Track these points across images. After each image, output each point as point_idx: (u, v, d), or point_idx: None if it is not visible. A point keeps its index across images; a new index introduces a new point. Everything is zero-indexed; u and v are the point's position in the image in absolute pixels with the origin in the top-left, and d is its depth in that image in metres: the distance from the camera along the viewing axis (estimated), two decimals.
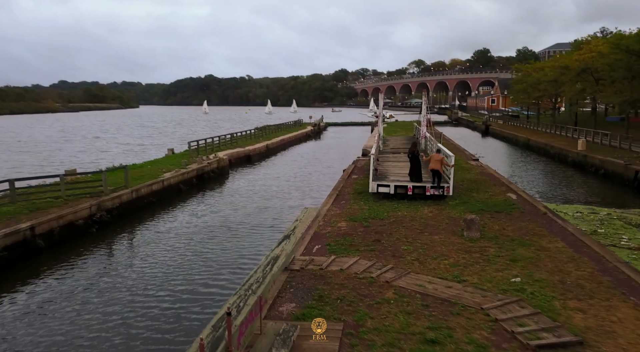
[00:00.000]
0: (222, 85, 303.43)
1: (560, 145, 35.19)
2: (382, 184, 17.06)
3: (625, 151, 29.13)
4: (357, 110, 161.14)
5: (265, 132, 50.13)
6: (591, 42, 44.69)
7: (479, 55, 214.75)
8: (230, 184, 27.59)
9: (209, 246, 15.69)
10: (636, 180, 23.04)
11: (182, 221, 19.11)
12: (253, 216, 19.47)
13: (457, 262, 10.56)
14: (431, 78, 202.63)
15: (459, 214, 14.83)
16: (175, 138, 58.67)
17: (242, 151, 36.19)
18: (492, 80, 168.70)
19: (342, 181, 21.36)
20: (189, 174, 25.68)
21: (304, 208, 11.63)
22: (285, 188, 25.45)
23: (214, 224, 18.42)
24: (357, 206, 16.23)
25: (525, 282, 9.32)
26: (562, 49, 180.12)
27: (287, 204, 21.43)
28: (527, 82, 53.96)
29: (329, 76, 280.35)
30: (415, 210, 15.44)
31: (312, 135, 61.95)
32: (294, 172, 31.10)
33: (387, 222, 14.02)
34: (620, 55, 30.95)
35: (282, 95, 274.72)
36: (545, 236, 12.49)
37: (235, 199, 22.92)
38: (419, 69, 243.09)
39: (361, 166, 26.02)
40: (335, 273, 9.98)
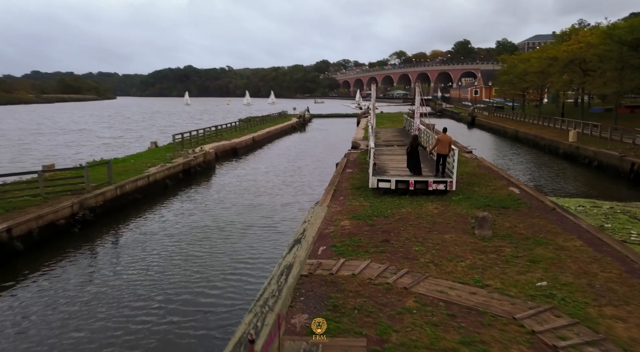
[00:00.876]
0: (201, 76, 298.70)
1: (550, 137, 35.03)
2: (382, 179, 16.35)
3: (616, 142, 29.05)
4: (340, 102, 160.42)
5: (250, 124, 48.96)
6: (579, 33, 44.72)
7: (460, 46, 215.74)
8: (217, 179, 26.55)
9: (201, 248, 14.66)
10: (632, 172, 22.84)
11: (170, 220, 18.07)
12: (245, 215, 18.47)
13: (474, 264, 9.92)
14: (413, 69, 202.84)
15: (465, 210, 14.24)
16: (156, 130, 57.06)
17: (228, 144, 35.08)
18: (473, 72, 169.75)
19: (337, 175, 20.59)
20: (175, 168, 24.57)
21: (311, 208, 10.80)
22: (276, 184, 24.49)
23: (204, 223, 17.39)
24: (357, 203, 15.49)
25: (552, 286, 8.72)
26: (542, 41, 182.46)
27: (280, 202, 20.51)
28: (514, 73, 53.89)
29: (310, 67, 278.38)
30: (420, 206, 14.79)
31: (298, 128, 60.95)
32: (283, 166, 30.17)
33: (392, 220, 13.32)
34: (612, 46, 30.81)
35: (263, 86, 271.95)
36: (559, 233, 11.96)
37: (224, 195, 21.89)
38: (401, 60, 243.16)
39: (354, 160, 25.30)
40: (347, 279, 9.24)
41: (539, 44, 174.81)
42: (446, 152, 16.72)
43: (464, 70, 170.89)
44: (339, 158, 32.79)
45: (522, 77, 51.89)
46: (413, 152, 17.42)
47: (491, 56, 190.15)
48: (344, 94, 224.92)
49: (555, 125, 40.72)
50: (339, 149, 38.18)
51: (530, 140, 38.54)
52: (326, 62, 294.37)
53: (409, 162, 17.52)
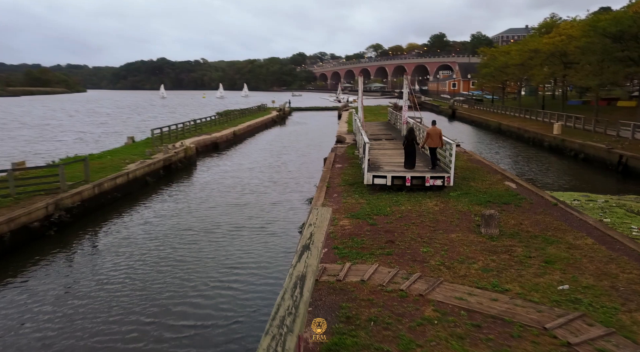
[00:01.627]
0: (175, 68, 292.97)
1: (535, 130, 35.08)
2: (378, 175, 15.72)
3: (600, 135, 29.18)
4: (318, 95, 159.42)
5: (230, 117, 47.72)
6: (560, 25, 44.94)
7: (435, 39, 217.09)
8: (200, 175, 25.47)
9: (188, 253, 13.68)
10: (620, 164, 22.86)
11: (152, 221, 17.02)
12: (232, 215, 17.51)
13: (487, 266, 9.38)
14: (390, 62, 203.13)
15: (466, 207, 13.74)
16: (132, 125, 55.18)
17: (208, 138, 33.93)
18: (449, 65, 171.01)
19: (327, 171, 19.88)
20: (156, 164, 23.43)
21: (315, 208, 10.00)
22: (262, 180, 23.57)
23: (189, 225, 16.34)
24: (353, 200, 14.83)
25: (574, 289, 8.24)
26: (515, 34, 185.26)
27: (268, 200, 19.60)
28: (494, 66, 54.00)
29: (286, 60, 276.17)
30: (419, 203, 14.22)
31: (278, 121, 59.92)
32: (268, 161, 29.25)
33: (393, 218, 12.71)
34: (595, 38, 30.90)
35: (239, 79, 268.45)
36: (568, 230, 11.56)
37: (208, 194, 20.87)
38: (377, 53, 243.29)
39: (342, 154, 24.63)
40: (357, 285, 8.57)
41: (513, 37, 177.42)
42: (437, 145, 16.73)
43: (441, 63, 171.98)
44: (324, 152, 32.11)
45: (502, 69, 52.03)
46: (409, 146, 16.97)
47: (466, 49, 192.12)
48: (322, 87, 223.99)
49: (538, 118, 40.90)
50: (323, 143, 37.50)
51: (513, 133, 38.59)
52: (303, 54, 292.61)
53: (406, 156, 17.04)
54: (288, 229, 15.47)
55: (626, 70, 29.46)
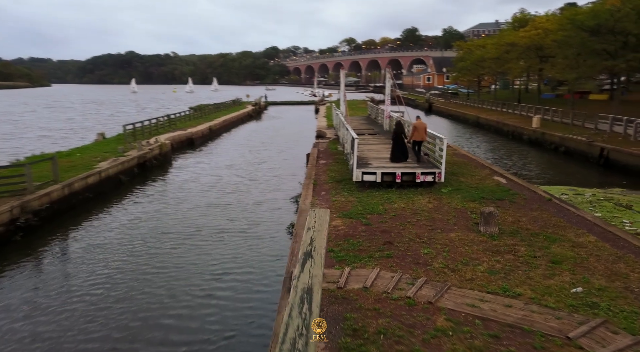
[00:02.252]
0: (145, 62, 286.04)
1: (514, 123, 35.19)
2: (367, 172, 15.14)
3: (579, 128, 29.41)
4: (292, 89, 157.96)
5: (205, 112, 46.39)
6: (536, 19, 45.31)
7: (408, 34, 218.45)
8: (176, 173, 24.34)
9: (167, 260, 12.67)
10: (602, 157, 22.96)
11: (127, 224, 15.93)
12: (213, 217, 16.46)
13: (493, 268, 8.92)
14: (363, 56, 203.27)
15: (460, 204, 13.31)
16: (101, 120, 53.09)
17: (183, 134, 32.72)
18: (422, 59, 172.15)
19: (312, 167, 19.19)
20: (130, 162, 22.26)
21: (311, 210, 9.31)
22: (243, 179, 22.56)
23: (168, 229, 15.23)
24: (342, 198, 14.21)
25: (588, 292, 7.85)
26: (486, 29, 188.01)
27: (251, 200, 18.62)
28: (470, 60, 54.21)
29: (259, 53, 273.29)
30: (411, 200, 13.72)
31: (254, 116, 58.75)
32: (247, 158, 28.28)
33: (387, 217, 12.15)
34: (573, 31, 31.10)
35: (211, 73, 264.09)
36: (568, 227, 11.24)
37: (187, 193, 19.79)
38: (351, 47, 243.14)
39: (325, 150, 23.98)
40: (359, 293, 7.96)
41: (484, 32, 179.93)
42: (423, 139, 16.79)
43: (414, 57, 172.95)
44: (305, 148, 31.37)
45: (479, 63, 52.27)
46: (398, 139, 16.62)
47: (439, 44, 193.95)
48: (295, 81, 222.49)
49: (515, 111, 41.15)
50: (302, 138, 36.72)
51: (492, 126, 38.69)
52: (275, 48, 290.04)
53: (394, 149, 16.67)
54: (275, 231, 14.68)
55: (603, 63, 29.75)
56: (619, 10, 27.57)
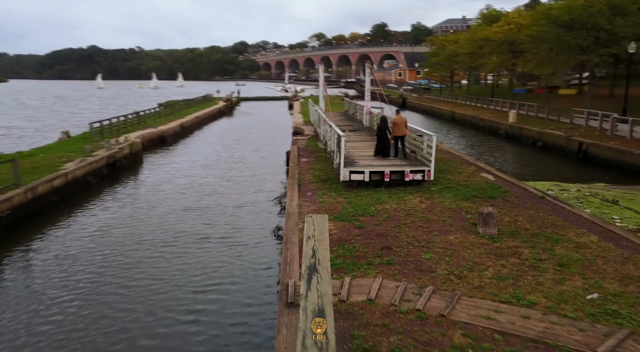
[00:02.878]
0: (108, 57, 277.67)
1: (490, 118, 35.29)
2: (355, 171, 14.53)
3: (554, 122, 29.64)
4: (263, 84, 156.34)
5: (175, 109, 44.83)
6: (509, 15, 45.70)
7: (377, 29, 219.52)
8: (149, 174, 23.08)
9: (142, 272, 11.51)
10: (580, 152, 23.07)
11: (97, 231, 14.62)
12: (191, 222, 15.29)
13: (500, 273, 8.45)
14: (334, 51, 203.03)
15: (453, 203, 12.85)
16: (65, 118, 50.68)
17: (154, 132, 31.34)
18: (392, 54, 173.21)
19: (294, 166, 18.45)
20: (98, 163, 20.96)
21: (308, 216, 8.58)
22: (220, 179, 21.46)
23: (141, 236, 14.05)
24: (330, 199, 13.55)
25: (604, 298, 7.45)
26: (454, 25, 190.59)
27: (231, 203, 17.53)
28: (444, 55, 54.38)
29: (228, 48, 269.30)
30: (402, 201, 13.18)
31: (226, 112, 57.35)
32: (222, 157, 27.18)
33: (380, 219, 11.56)
34: (547, 26, 31.32)
35: (179, 68, 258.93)
36: (566, 226, 10.91)
37: (161, 196, 18.56)
38: (321, 42, 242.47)
39: (304, 147, 23.25)
40: (365, 307, 7.32)
41: (452, 28, 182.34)
42: (403, 134, 16.64)
43: (384, 53, 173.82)
44: (282, 145, 30.55)
45: (452, 58, 52.48)
46: (383, 135, 16.21)
47: (408, 39, 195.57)
48: (266, 76, 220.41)
49: (490, 106, 41.39)
50: (277, 135, 35.88)
51: (468, 121, 38.75)
52: (244, 43, 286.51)
53: (378, 145, 16.30)
54: (260, 237, 13.80)
55: (577, 58, 30.08)
56: (592, 5, 27.89)
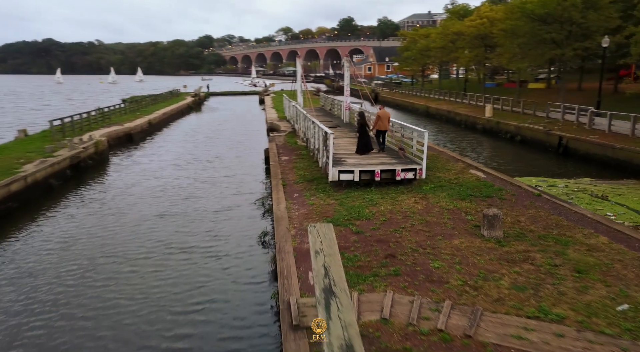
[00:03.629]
0: (66, 51, 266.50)
1: (466, 113, 35.17)
2: (344, 170, 13.72)
3: (530, 116, 29.68)
4: (230, 79, 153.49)
5: (142, 105, 42.84)
6: (481, 9, 45.77)
7: (344, 23, 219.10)
8: (117, 175, 21.43)
9: (116, 290, 10.22)
10: (560, 146, 23.02)
11: (61, 242, 13.14)
12: (167, 231, 13.71)
13: (516, 282, 7.84)
14: (301, 46, 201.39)
15: (449, 203, 12.24)
16: (21, 115, 47.73)
17: (121, 129, 29.61)
18: (360, 49, 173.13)
19: (275, 165, 17.49)
20: (61, 164, 19.37)
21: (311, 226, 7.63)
22: (195, 180, 19.87)
23: (112, 248, 12.55)
24: (320, 201, 12.71)
25: (635, 309, 6.93)
26: (420, 20, 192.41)
27: (209, 207, 16.11)
28: (416, 49, 54.20)
29: (192, 42, 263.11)
30: (396, 201, 12.48)
31: (194, 107, 55.46)
32: (195, 155, 25.70)
33: (377, 223, 10.81)
34: (521, 20, 31.33)
35: (141, 62, 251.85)
36: (572, 227, 10.45)
37: (132, 201, 16.90)
38: (287, 36, 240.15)
39: (283, 144, 22.29)
40: (380, 327, 6.54)
41: (418, 22, 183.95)
42: (385, 129, 16.44)
43: (352, 47, 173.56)
44: (257, 143, 29.45)
45: (424, 52, 52.36)
46: (363, 131, 15.76)
47: (375, 34, 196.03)
48: (232, 70, 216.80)
49: (464, 101, 41.38)
50: (251, 131, 34.72)
51: (443, 116, 38.57)
52: (209, 37, 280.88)
53: (360, 141, 15.65)
54: (246, 245, 12.59)
55: (552, 52, 30.20)
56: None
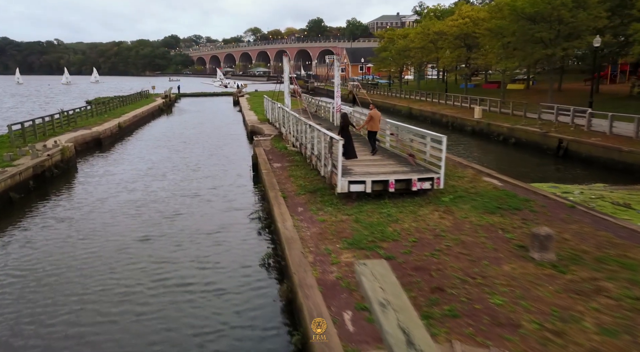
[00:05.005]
0: (22, 50, 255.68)
1: (453, 114, 34.24)
2: (355, 181, 12.18)
3: (521, 118, 28.95)
4: (198, 80, 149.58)
5: (109, 107, 40.10)
6: (462, 8, 45.12)
7: (313, 24, 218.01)
8: (86, 188, 18.61)
9: (96, 341, 8.34)
10: (560, 149, 22.19)
11: (22, 269, 11.13)
12: (150, 262, 11.18)
13: (603, 324, 6.52)
14: (271, 46, 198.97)
15: (478, 218, 10.91)
16: None
17: (88, 134, 27.13)
18: (331, 49, 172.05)
19: (268, 173, 15.78)
20: (22, 174, 17.05)
21: (360, 264, 5.67)
22: (176, 193, 17.45)
23: (83, 287, 10.18)
24: (330, 216, 11.15)
25: None
26: (389, 21, 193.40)
27: (199, 227, 13.58)
28: (395, 49, 53.23)
29: (158, 42, 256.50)
30: (418, 216, 11.05)
31: (165, 109, 52.77)
32: (172, 163, 23.27)
33: (407, 245, 9.32)
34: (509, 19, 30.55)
35: (104, 62, 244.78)
36: (629, 246, 9.25)
37: (105, 221, 14.24)
38: (256, 37, 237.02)
39: (271, 150, 20.59)
40: None
41: (387, 24, 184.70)
42: (377, 129, 15.88)
43: (323, 48, 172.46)
44: (238, 149, 27.59)
45: (403, 52, 51.44)
46: (345, 134, 14.44)
47: (344, 35, 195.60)
48: (200, 71, 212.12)
49: (448, 102, 40.53)
50: (229, 135, 32.68)
51: (428, 117, 37.58)
52: (175, 37, 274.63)
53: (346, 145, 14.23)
54: (254, 279, 10.35)
55: (542, 51, 29.55)
56: None
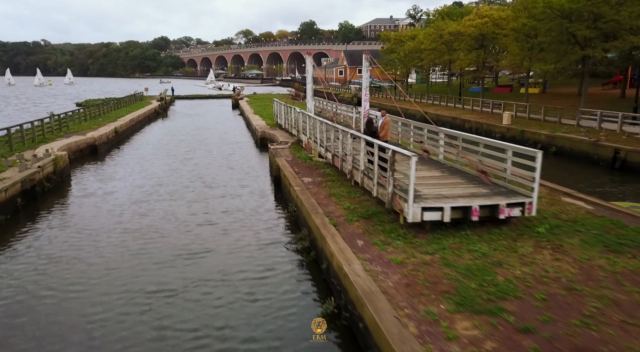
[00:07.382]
0: (8, 50, 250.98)
1: (477, 120, 31.98)
2: (429, 207, 9.69)
3: (555, 124, 26.74)
4: (190, 82, 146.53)
5: (104, 110, 37.23)
6: (480, 8, 42.91)
7: (306, 27, 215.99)
8: (84, 208, 15.75)
9: None
10: (617, 160, 19.92)
11: (16, 318, 8.79)
12: (175, 321, 8.45)
13: None
14: (264, 49, 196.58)
15: (602, 258, 8.54)
16: None
17: (83, 140, 24.33)
18: (325, 52, 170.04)
19: (303, 191, 13.25)
20: (10, 190, 14.33)
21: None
22: (193, 214, 14.68)
23: (90, 325, 8.37)
24: (408, 256, 8.71)
25: None
26: (382, 24, 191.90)
27: (230, 267, 10.73)
28: (403, 51, 50.90)
29: (147, 44, 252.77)
30: (522, 255, 8.67)
31: (161, 112, 49.90)
32: (182, 175, 20.26)
33: (538, 306, 6.90)
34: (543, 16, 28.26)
35: (93, 63, 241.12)
36: None
37: (109, 258, 11.35)
38: (248, 39, 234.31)
39: (293, 160, 18.09)
40: None
41: (381, 27, 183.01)
42: (388, 138, 14.44)
43: (317, 51, 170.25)
44: (248, 156, 25.01)
45: (413, 54, 49.17)
46: None
47: (337, 38, 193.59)
48: (191, 73, 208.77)
49: (465, 106, 38.25)
50: (236, 142, 29.95)
51: (447, 123, 35.27)
52: (166, 39, 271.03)
53: None
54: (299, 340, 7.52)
55: (581, 52, 27.28)
56: None
